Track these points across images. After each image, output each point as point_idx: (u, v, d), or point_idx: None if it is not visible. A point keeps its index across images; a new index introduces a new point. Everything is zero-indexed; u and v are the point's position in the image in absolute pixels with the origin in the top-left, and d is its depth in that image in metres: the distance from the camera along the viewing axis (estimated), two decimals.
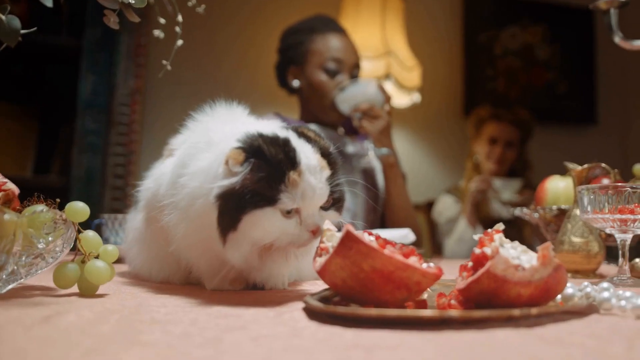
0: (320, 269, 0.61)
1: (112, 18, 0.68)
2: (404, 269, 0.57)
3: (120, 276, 0.95)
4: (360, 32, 2.74)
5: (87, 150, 2.36)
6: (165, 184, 0.80)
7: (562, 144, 3.43)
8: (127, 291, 0.77)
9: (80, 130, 2.35)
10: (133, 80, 2.40)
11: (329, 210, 0.76)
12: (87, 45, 2.36)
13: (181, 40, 1.07)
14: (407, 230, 1.40)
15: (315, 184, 0.72)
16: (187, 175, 0.74)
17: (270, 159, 0.69)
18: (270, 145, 0.70)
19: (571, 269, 1.10)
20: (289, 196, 0.69)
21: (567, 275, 0.62)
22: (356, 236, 0.57)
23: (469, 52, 3.39)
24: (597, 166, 1.13)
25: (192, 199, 0.73)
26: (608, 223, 0.92)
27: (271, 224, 0.70)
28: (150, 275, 0.88)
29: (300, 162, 0.71)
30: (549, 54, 3.51)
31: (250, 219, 0.68)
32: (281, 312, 0.60)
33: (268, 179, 0.69)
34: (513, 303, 0.58)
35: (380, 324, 0.52)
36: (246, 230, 0.69)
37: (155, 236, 0.85)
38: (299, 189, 0.70)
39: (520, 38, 3.47)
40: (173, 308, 0.62)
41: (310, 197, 0.71)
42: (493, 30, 3.43)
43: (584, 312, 0.62)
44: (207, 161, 0.73)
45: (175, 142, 0.87)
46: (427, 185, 3.18)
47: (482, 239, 0.65)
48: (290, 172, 0.70)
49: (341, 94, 1.75)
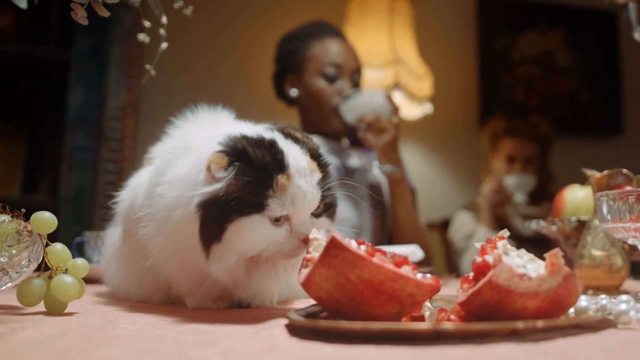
0: (304, 280, 0.59)
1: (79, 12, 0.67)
2: (395, 279, 0.55)
3: (97, 296, 0.93)
4: (367, 39, 2.74)
5: (76, 168, 2.36)
6: (142, 194, 0.78)
7: (586, 155, 3.39)
8: (99, 309, 0.75)
9: (69, 147, 2.36)
10: (125, 93, 2.41)
11: (321, 217, 0.74)
12: (76, 56, 2.37)
13: (166, 43, 1.07)
14: (415, 247, 1.38)
15: (305, 187, 0.70)
16: (164, 184, 0.73)
17: (256, 161, 0.67)
18: (255, 147, 0.68)
19: (592, 286, 1.07)
20: (277, 202, 0.68)
21: (580, 285, 0.59)
22: (342, 243, 0.55)
23: (484, 59, 3.37)
24: (618, 173, 1.10)
25: (170, 210, 0.71)
26: (630, 233, 0.89)
27: (259, 233, 0.68)
28: (128, 294, 0.86)
29: (288, 164, 0.69)
30: (570, 60, 3.49)
31: (236, 228, 0.66)
32: (261, 329, 0.58)
33: (254, 184, 0.67)
34: (519, 316, 0.56)
35: (366, 339, 0.49)
36: (232, 240, 0.67)
37: (132, 251, 0.83)
38: (289, 193, 0.69)
39: (539, 43, 3.46)
40: (143, 325, 0.60)
41: (301, 202, 0.69)
42: (510, 35, 3.42)
43: (599, 326, 0.59)
44: (185, 168, 0.72)
45: (155, 150, 0.85)
46: (441, 203, 3.15)
47: (485, 247, 0.63)
48: (279, 176, 0.68)
49: (346, 103, 1.74)
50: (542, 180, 2.70)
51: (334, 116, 1.81)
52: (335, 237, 0.55)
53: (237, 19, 2.99)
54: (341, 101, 1.76)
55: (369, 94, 1.76)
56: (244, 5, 3.03)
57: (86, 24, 0.67)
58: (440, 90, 3.03)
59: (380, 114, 1.72)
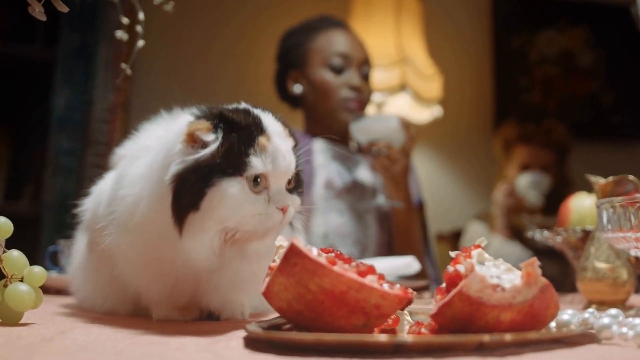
0: (264, 290, 0.60)
1: (37, 8, 0.68)
2: (359, 290, 0.56)
3: (63, 307, 0.95)
4: (372, 38, 2.74)
5: (60, 173, 2.37)
6: (104, 201, 0.81)
7: (607, 161, 3.37)
8: (59, 320, 0.76)
9: (54, 151, 2.38)
10: (113, 94, 2.42)
11: (294, 194, 0.78)
12: (62, 55, 2.40)
13: (142, 40, 1.09)
14: (411, 259, 1.37)
15: (284, 149, 0.75)
16: (125, 186, 0.75)
17: (237, 123, 0.72)
18: (232, 112, 0.74)
19: (596, 300, 1.07)
20: (258, 160, 0.72)
21: (558, 297, 0.59)
22: (301, 250, 0.56)
23: (499, 59, 3.38)
24: (624, 179, 1.10)
25: (133, 207, 0.74)
26: (631, 243, 0.89)
27: (238, 198, 0.71)
28: (94, 306, 0.88)
29: (267, 126, 0.75)
30: (592, 61, 3.48)
31: (217, 192, 0.70)
32: (217, 341, 0.59)
33: (237, 145, 0.71)
34: (492, 330, 0.56)
35: (320, 351, 0.50)
36: (211, 207, 0.70)
37: (98, 261, 0.85)
38: (269, 152, 0.73)
39: (559, 42, 3.45)
40: (96, 337, 0.61)
41: (281, 162, 0.74)
42: (527, 33, 3.42)
43: (578, 341, 0.59)
44: (143, 166, 0.75)
45: (119, 152, 0.88)
46: (452, 213, 3.14)
47: (458, 256, 0.63)
48: (259, 137, 0.73)
49: (358, 122, 1.73)
50: (559, 189, 2.69)
51: (341, 111, 1.80)
52: (295, 244, 0.56)
53: (235, 17, 3.01)
54: (353, 120, 1.75)
55: (384, 119, 1.77)
56: (242, 3, 3.04)
57: (44, 19, 0.69)
58: (451, 92, 3.03)
59: (393, 141, 1.71)
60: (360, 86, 1.82)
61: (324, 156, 1.83)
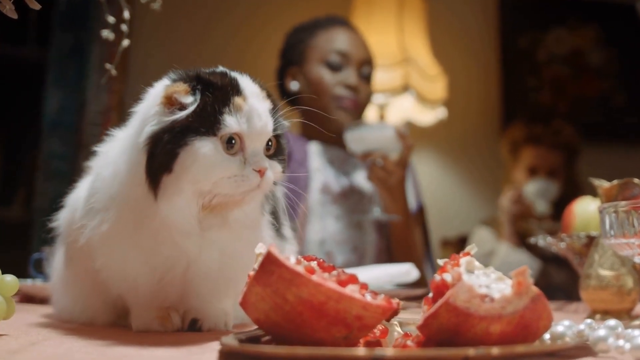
0: (241, 300, 0.59)
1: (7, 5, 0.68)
2: (339, 300, 0.55)
3: (42, 317, 0.94)
4: (374, 37, 2.72)
5: (52, 178, 2.38)
6: (80, 207, 0.81)
7: (619, 164, 3.32)
8: (32, 331, 0.76)
9: (45, 155, 2.38)
10: (106, 96, 2.42)
11: (273, 160, 0.78)
12: (54, 55, 2.40)
13: (127, 40, 1.09)
14: (409, 266, 1.36)
15: (261, 109, 0.76)
16: (100, 187, 0.77)
17: (213, 84, 0.74)
18: (209, 74, 0.76)
19: (600, 309, 1.05)
20: (233, 119, 0.73)
21: (551, 307, 0.58)
22: (277, 258, 0.55)
23: (506, 58, 3.36)
24: (630, 183, 1.08)
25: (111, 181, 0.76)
26: (635, 250, 0.88)
27: (211, 158, 0.71)
28: (72, 316, 0.87)
29: (243, 87, 0.76)
30: (603, 60, 3.46)
31: (189, 151, 0.71)
32: (191, 353, 0.58)
33: (211, 105, 0.73)
34: (481, 342, 0.55)
35: None
36: (184, 167, 0.71)
37: (76, 270, 0.85)
38: (244, 112, 0.74)
39: (568, 41, 3.44)
40: (66, 349, 0.60)
41: (257, 122, 0.74)
42: (535, 32, 3.40)
43: (572, 354, 0.58)
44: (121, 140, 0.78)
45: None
46: (458, 218, 3.12)
47: (446, 264, 0.62)
48: (235, 97, 0.74)
49: (352, 132, 1.71)
50: (568, 193, 2.67)
51: (334, 109, 1.79)
52: (272, 252, 0.55)
53: (230, 16, 3.00)
54: (348, 128, 1.74)
55: (380, 128, 1.75)
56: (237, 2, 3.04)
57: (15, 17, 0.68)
58: (457, 93, 3.01)
59: (389, 151, 1.70)
60: (357, 86, 1.81)
61: (320, 159, 1.82)
